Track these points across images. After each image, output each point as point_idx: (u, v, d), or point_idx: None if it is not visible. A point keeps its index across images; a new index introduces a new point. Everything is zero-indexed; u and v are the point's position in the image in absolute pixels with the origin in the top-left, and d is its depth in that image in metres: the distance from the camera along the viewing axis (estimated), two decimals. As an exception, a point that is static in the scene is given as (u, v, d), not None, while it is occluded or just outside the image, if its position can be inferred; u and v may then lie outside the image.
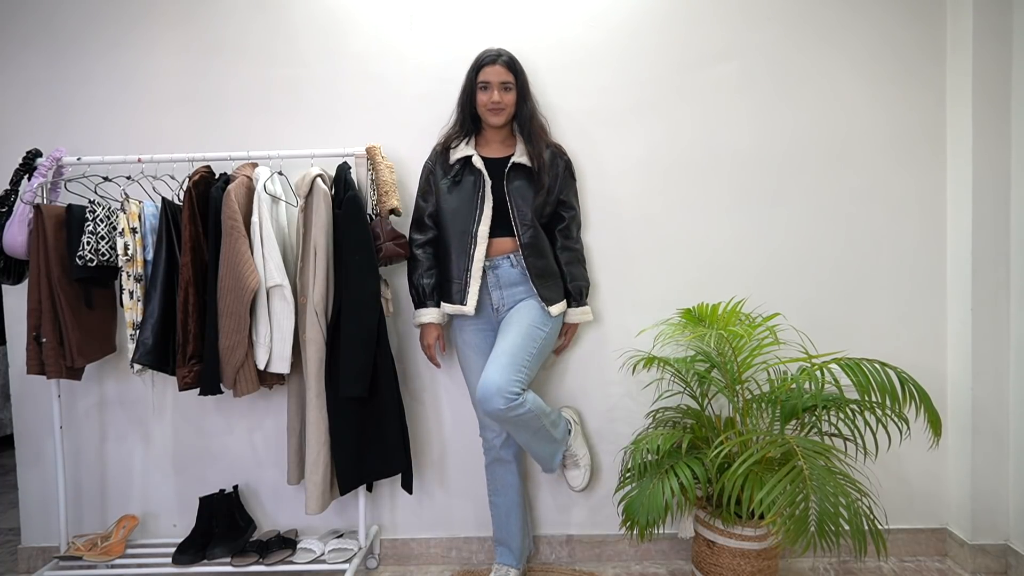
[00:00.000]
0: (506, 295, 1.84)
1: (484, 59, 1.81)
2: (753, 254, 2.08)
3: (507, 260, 1.83)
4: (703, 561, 1.82)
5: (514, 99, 1.82)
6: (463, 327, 1.88)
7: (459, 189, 1.82)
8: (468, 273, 1.80)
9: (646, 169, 2.08)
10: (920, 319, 2.08)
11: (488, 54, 1.81)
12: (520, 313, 1.81)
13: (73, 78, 2.08)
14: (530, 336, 1.77)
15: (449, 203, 1.83)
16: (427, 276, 1.87)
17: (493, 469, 1.92)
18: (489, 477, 1.94)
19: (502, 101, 1.79)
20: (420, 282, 1.87)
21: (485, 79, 1.80)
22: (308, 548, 1.93)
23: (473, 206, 1.80)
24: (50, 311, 1.81)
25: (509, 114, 1.83)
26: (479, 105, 1.82)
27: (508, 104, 1.81)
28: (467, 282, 1.80)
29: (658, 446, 1.77)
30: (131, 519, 2.04)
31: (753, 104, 2.06)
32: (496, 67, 1.79)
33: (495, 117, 1.81)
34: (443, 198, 1.84)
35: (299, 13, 2.07)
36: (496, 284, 1.83)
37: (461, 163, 1.83)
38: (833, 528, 1.43)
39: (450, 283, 1.84)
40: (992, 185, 1.95)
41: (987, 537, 1.99)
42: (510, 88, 1.81)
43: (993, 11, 1.92)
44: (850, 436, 1.75)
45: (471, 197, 1.81)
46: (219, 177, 1.88)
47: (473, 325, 1.87)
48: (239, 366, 1.80)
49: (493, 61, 1.79)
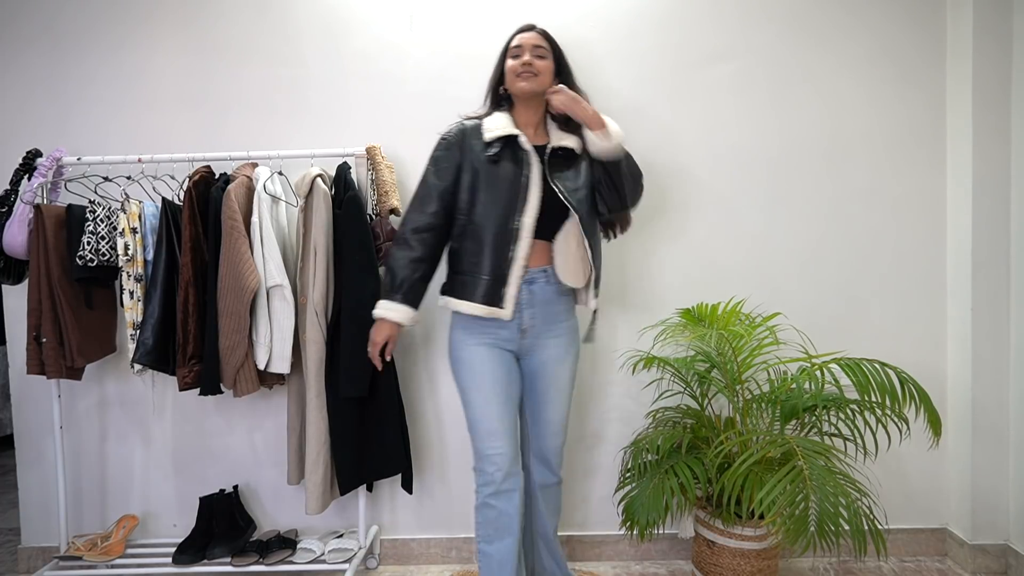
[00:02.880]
0: (539, 315, 1.56)
1: (519, 29, 1.62)
2: (753, 254, 2.08)
3: (543, 274, 1.56)
4: (703, 561, 1.82)
5: (549, 68, 1.57)
6: (472, 331, 1.56)
7: (500, 168, 1.52)
8: (507, 271, 1.50)
9: (645, 169, 2.06)
10: (920, 319, 2.08)
11: (524, 24, 1.63)
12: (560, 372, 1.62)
13: (74, 78, 2.08)
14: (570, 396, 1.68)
15: (487, 183, 1.52)
16: (414, 267, 1.54)
17: (491, 506, 1.54)
18: (483, 519, 1.55)
19: (534, 65, 1.55)
20: (402, 271, 1.54)
21: (517, 44, 1.58)
22: (308, 548, 1.93)
23: (516, 192, 1.50)
24: (50, 311, 1.81)
25: (541, 83, 1.56)
26: (508, 73, 1.58)
27: (541, 69, 1.55)
28: (505, 281, 1.50)
29: (658, 446, 1.77)
30: (131, 519, 2.04)
31: (753, 104, 2.06)
32: (530, 34, 1.59)
33: (525, 81, 1.55)
34: (480, 178, 1.52)
35: (299, 13, 2.07)
36: (530, 302, 1.55)
37: (501, 142, 1.54)
38: (833, 528, 1.43)
39: (475, 278, 1.51)
40: (992, 185, 1.95)
41: (987, 537, 1.99)
42: (543, 55, 1.57)
43: (993, 12, 1.93)
44: (850, 436, 1.75)
45: (514, 181, 1.51)
46: (219, 177, 1.88)
47: (489, 335, 1.56)
48: (239, 366, 1.80)
49: (528, 29, 1.60)
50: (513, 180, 1.51)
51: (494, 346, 1.56)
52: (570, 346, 1.64)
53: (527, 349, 1.60)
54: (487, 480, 1.54)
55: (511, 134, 1.54)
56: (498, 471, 1.53)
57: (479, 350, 1.56)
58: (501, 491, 1.54)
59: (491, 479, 1.54)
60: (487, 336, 1.55)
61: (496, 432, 1.53)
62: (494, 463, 1.53)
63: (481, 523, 1.56)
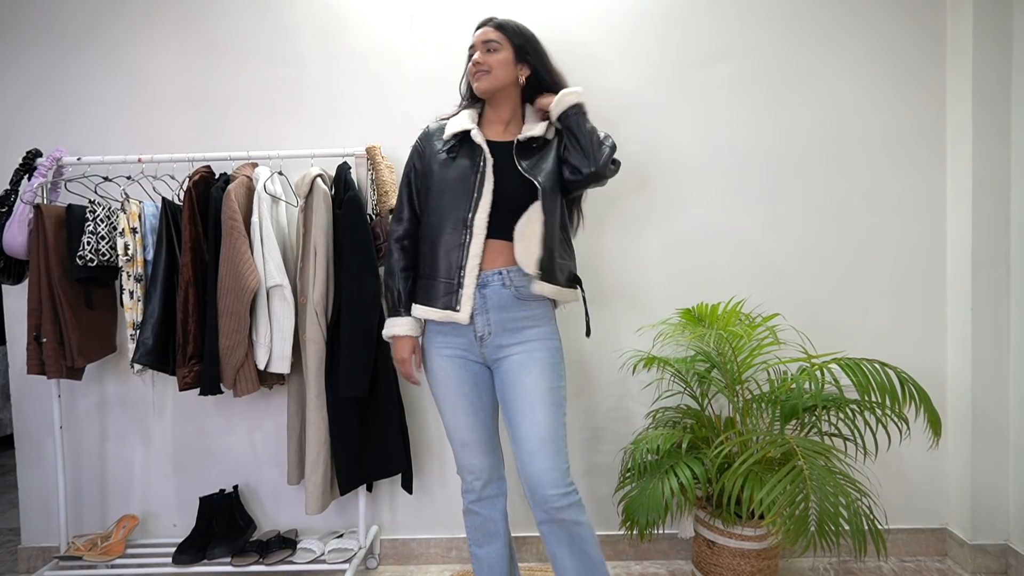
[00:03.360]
0: (495, 321, 1.45)
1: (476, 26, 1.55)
2: (753, 254, 2.08)
3: (498, 276, 1.45)
4: (703, 561, 1.82)
5: (504, 59, 1.48)
6: (434, 341, 1.51)
7: (454, 166, 1.47)
8: (461, 271, 1.42)
9: (646, 169, 2.08)
10: (920, 319, 2.08)
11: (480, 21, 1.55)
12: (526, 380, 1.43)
13: (73, 78, 2.08)
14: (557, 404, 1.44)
15: (440, 182, 1.47)
16: (403, 278, 1.52)
17: (475, 512, 1.55)
18: (469, 524, 1.57)
19: (484, 62, 1.48)
20: (396, 286, 1.52)
21: (471, 44, 1.53)
22: (308, 548, 1.93)
23: (469, 188, 1.44)
24: (50, 311, 1.81)
25: (497, 78, 1.48)
26: (468, 75, 1.54)
27: (492, 65, 1.48)
28: (459, 282, 1.42)
29: (658, 446, 1.77)
30: (131, 519, 2.04)
31: (753, 104, 2.06)
32: (483, 29, 1.51)
33: (477, 81, 1.49)
34: (433, 177, 1.49)
35: (299, 13, 2.07)
36: (483, 307, 1.45)
37: (458, 139, 1.50)
38: (833, 528, 1.43)
39: (433, 281, 1.46)
40: (992, 185, 1.95)
41: (987, 537, 1.99)
42: (495, 48, 1.48)
43: (993, 12, 1.92)
44: (850, 436, 1.75)
45: (467, 177, 1.45)
46: (219, 177, 1.88)
47: (448, 345, 1.49)
48: (239, 366, 1.80)
49: (482, 25, 1.53)
50: (465, 177, 1.45)
51: (455, 356, 1.49)
52: (538, 353, 1.46)
53: (490, 358, 1.49)
54: (468, 488, 1.55)
55: (464, 129, 1.49)
56: (476, 480, 1.53)
57: (441, 362, 1.50)
58: (483, 498, 1.54)
59: (471, 487, 1.54)
60: (447, 347, 1.50)
61: (467, 443, 1.51)
62: (471, 472, 1.53)
63: (468, 528, 1.58)
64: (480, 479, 1.53)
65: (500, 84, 1.50)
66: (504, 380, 1.47)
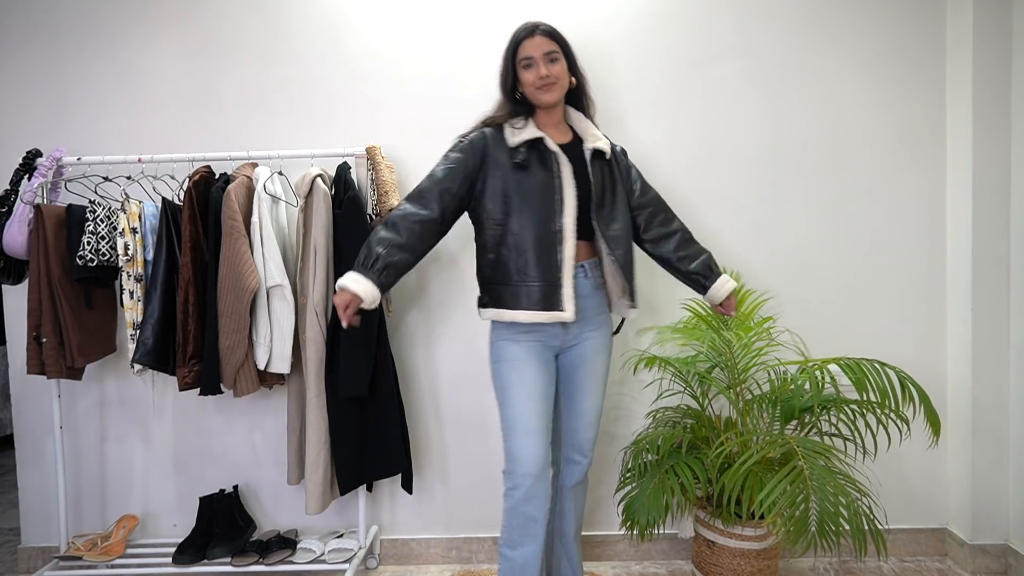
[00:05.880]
0: (580, 310, 1.55)
1: (520, 34, 1.56)
2: (753, 253, 2.08)
3: (582, 270, 1.57)
4: (703, 561, 1.82)
5: (564, 68, 1.56)
6: (517, 335, 1.54)
7: (530, 173, 1.51)
8: (559, 273, 1.49)
9: (647, 169, 2.07)
10: (920, 319, 2.08)
11: (524, 27, 1.57)
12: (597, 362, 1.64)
13: (73, 78, 2.08)
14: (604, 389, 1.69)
15: (519, 190, 1.50)
16: (392, 251, 1.44)
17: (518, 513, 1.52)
18: (510, 524, 1.53)
19: (551, 74, 1.53)
20: (378, 249, 1.44)
21: (526, 55, 1.54)
22: (308, 548, 1.93)
23: (551, 194, 1.50)
24: (50, 311, 1.81)
25: (563, 87, 1.56)
26: (526, 86, 1.56)
27: (559, 75, 1.54)
28: (560, 283, 1.49)
29: (658, 446, 1.77)
30: (131, 519, 2.04)
31: (754, 104, 2.06)
32: (535, 39, 1.54)
33: (548, 94, 1.54)
34: (510, 185, 1.50)
35: (299, 13, 2.07)
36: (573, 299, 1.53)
37: (527, 146, 1.53)
38: (833, 528, 1.43)
39: (526, 287, 1.50)
40: (992, 185, 1.95)
41: (987, 537, 1.99)
42: (556, 59, 1.54)
43: (993, 12, 1.92)
44: (850, 436, 1.75)
45: (548, 183, 1.51)
46: (219, 177, 1.88)
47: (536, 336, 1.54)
48: (239, 366, 1.80)
49: (531, 33, 1.55)
50: (546, 183, 1.51)
51: (538, 345, 1.55)
52: (606, 338, 1.66)
53: (568, 344, 1.60)
54: (515, 484, 1.52)
55: (537, 136, 1.53)
56: (528, 475, 1.50)
57: (519, 350, 1.54)
58: (530, 496, 1.51)
59: (519, 483, 1.51)
60: (532, 336, 1.54)
61: (534, 430, 1.51)
62: (526, 465, 1.50)
63: (507, 527, 1.53)
64: (532, 474, 1.50)
65: (564, 93, 1.59)
66: (576, 362, 1.62)
